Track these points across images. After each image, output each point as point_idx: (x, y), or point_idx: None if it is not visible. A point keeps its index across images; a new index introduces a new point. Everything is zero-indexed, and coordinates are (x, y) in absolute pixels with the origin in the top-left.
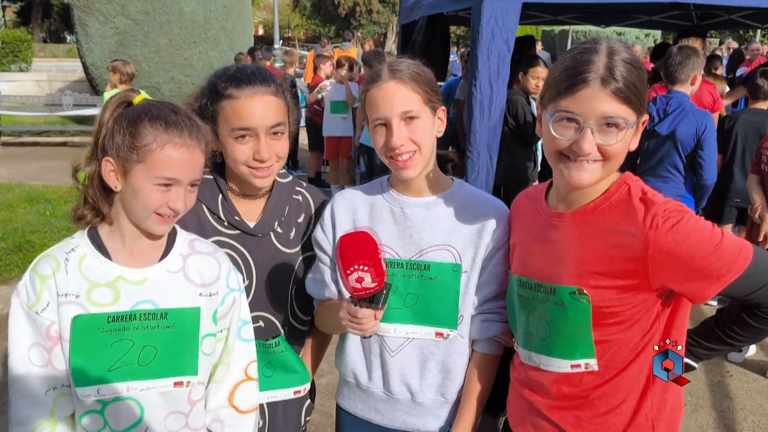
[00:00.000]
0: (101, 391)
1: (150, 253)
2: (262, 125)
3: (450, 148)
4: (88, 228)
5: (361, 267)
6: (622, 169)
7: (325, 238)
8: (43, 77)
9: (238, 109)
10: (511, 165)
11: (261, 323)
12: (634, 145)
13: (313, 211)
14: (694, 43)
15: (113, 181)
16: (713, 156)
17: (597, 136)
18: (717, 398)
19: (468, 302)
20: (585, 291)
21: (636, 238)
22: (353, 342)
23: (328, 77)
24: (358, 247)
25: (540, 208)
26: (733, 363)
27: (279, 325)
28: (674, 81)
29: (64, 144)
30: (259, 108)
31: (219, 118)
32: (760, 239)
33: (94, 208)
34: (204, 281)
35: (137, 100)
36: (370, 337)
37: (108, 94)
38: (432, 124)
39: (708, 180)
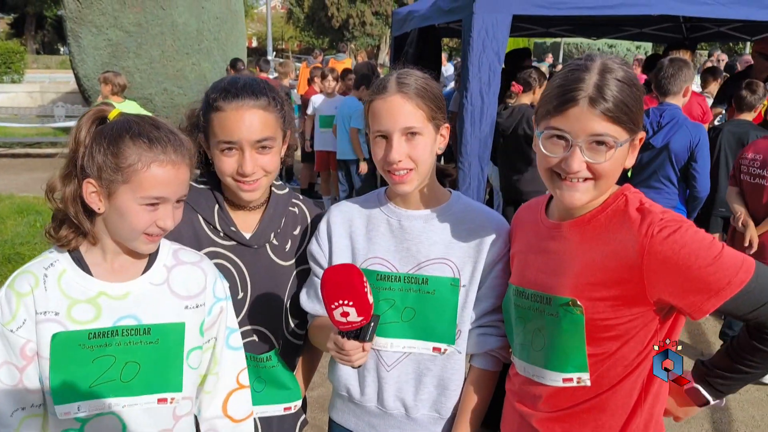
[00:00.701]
0: (81, 408)
1: (132, 266)
2: (246, 139)
3: (449, 163)
4: None
5: (345, 302)
6: (618, 182)
7: (320, 251)
8: (35, 88)
9: (223, 122)
10: (530, 178)
11: (255, 337)
12: (629, 163)
13: (309, 223)
14: (684, 55)
15: (96, 203)
16: (706, 168)
17: (586, 154)
18: (709, 410)
19: (466, 317)
20: (579, 302)
21: (631, 247)
22: None
23: (321, 90)
24: (342, 282)
25: (539, 218)
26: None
27: (273, 339)
28: (667, 93)
29: (55, 155)
30: (244, 122)
31: (209, 130)
32: (746, 245)
33: (76, 228)
34: (190, 293)
35: (113, 114)
36: (359, 367)
37: None
38: (433, 142)
39: (702, 192)
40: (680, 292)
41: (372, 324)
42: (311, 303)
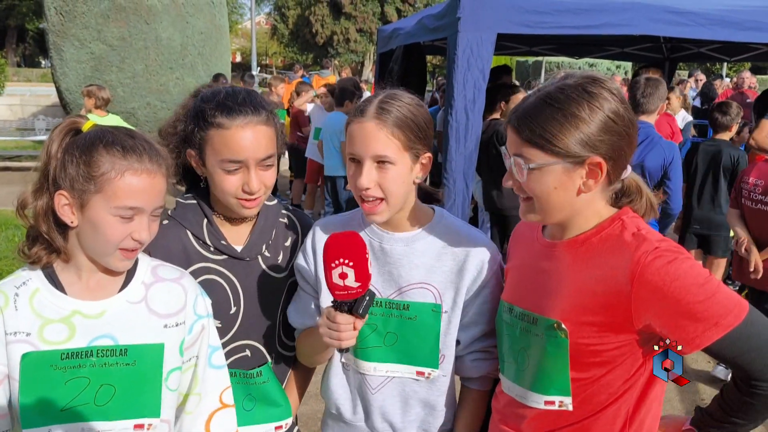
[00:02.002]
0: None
1: (109, 284)
2: (253, 158)
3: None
4: None
5: (345, 262)
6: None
7: (306, 267)
8: (15, 101)
9: (229, 141)
10: (506, 194)
11: (248, 352)
12: (588, 188)
13: (299, 234)
14: (655, 74)
15: (68, 216)
16: (679, 185)
17: (515, 173)
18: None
19: (449, 342)
20: (563, 326)
21: (622, 273)
22: (336, 376)
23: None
24: (346, 243)
25: (536, 236)
26: (708, 387)
27: (266, 353)
28: (644, 111)
29: (36, 169)
30: (250, 140)
31: (207, 146)
32: (751, 269)
33: (48, 245)
34: (169, 311)
35: (86, 126)
36: (346, 351)
37: None
38: (408, 172)
39: (675, 209)
40: (667, 326)
41: (367, 298)
42: (300, 317)
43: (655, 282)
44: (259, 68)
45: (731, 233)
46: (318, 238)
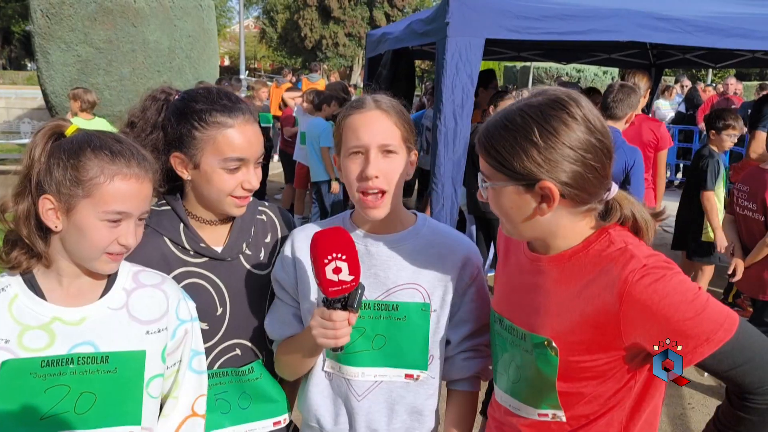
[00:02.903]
0: None
1: (89, 290)
2: (254, 155)
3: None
4: None
5: (338, 256)
6: None
7: (285, 277)
8: (0, 104)
9: (233, 139)
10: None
11: (238, 351)
12: (542, 212)
13: (278, 229)
14: (641, 79)
15: (53, 220)
16: (640, 190)
17: (482, 189)
18: (679, 431)
19: (438, 342)
20: (554, 344)
21: (609, 292)
22: (317, 386)
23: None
24: (336, 239)
25: (522, 247)
26: (695, 393)
27: (257, 351)
28: (611, 117)
29: (16, 172)
30: (252, 137)
31: (206, 147)
32: (729, 272)
33: (29, 250)
34: (151, 317)
35: (70, 130)
36: (341, 350)
37: None
38: (405, 165)
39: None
40: (657, 344)
41: (360, 291)
42: (279, 328)
43: (643, 301)
44: (247, 72)
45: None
46: (298, 246)
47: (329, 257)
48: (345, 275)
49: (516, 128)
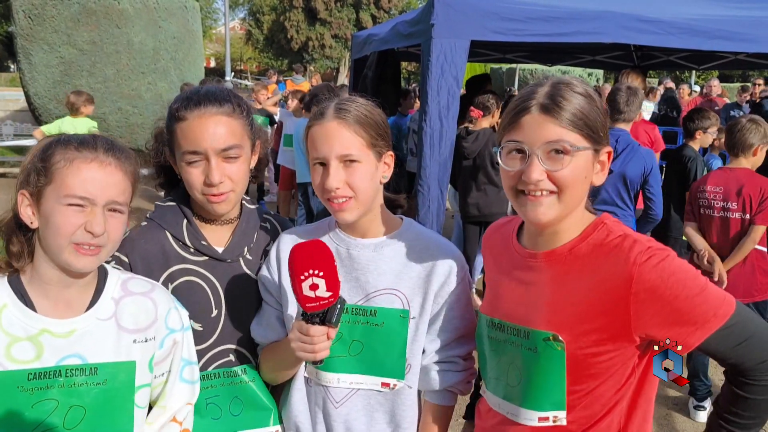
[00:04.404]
0: None
1: (77, 300)
2: (211, 147)
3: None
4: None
5: (315, 272)
6: None
7: (270, 279)
8: None
9: (187, 132)
10: (495, 200)
11: (231, 357)
12: (598, 180)
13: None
14: (635, 80)
15: (28, 216)
16: (659, 192)
17: (544, 163)
18: (665, 431)
19: (416, 350)
20: (560, 337)
21: (619, 276)
22: (298, 392)
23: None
24: (313, 253)
25: (512, 245)
26: (679, 394)
27: (250, 356)
28: (626, 120)
29: (3, 175)
30: (208, 130)
31: (173, 142)
32: (716, 280)
33: (15, 252)
34: (138, 326)
35: None
36: (320, 363)
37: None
38: (375, 170)
39: (658, 215)
40: (666, 324)
41: (339, 306)
42: (263, 332)
43: (652, 280)
44: (233, 74)
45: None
46: (282, 248)
47: (306, 273)
48: (322, 291)
49: (592, 97)
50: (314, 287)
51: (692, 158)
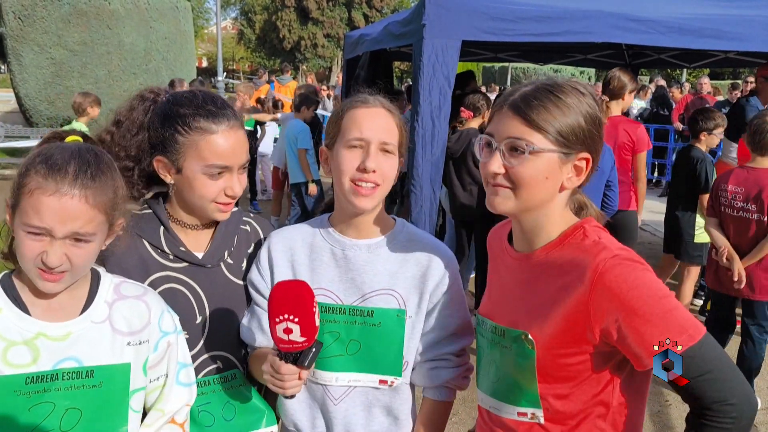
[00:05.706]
0: None
1: (71, 304)
2: (238, 162)
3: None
4: (2, 277)
5: (290, 317)
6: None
7: (261, 280)
8: None
9: (215, 146)
10: (480, 200)
11: (219, 364)
12: (570, 184)
13: (262, 241)
14: (625, 76)
15: (9, 225)
16: (617, 184)
17: (506, 159)
18: (657, 428)
19: (413, 348)
20: (530, 336)
21: (580, 281)
22: None
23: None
24: (291, 297)
25: (504, 247)
26: (671, 391)
27: (237, 363)
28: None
29: None
30: (236, 144)
31: (188, 152)
32: (735, 279)
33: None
34: (132, 329)
35: (68, 141)
36: (292, 397)
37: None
38: (397, 169)
39: (616, 207)
40: (622, 337)
41: (314, 350)
42: (251, 333)
43: (612, 289)
44: (225, 73)
45: (696, 239)
46: (274, 250)
47: (280, 317)
48: (296, 336)
49: (564, 97)
50: (288, 331)
51: (700, 160)
